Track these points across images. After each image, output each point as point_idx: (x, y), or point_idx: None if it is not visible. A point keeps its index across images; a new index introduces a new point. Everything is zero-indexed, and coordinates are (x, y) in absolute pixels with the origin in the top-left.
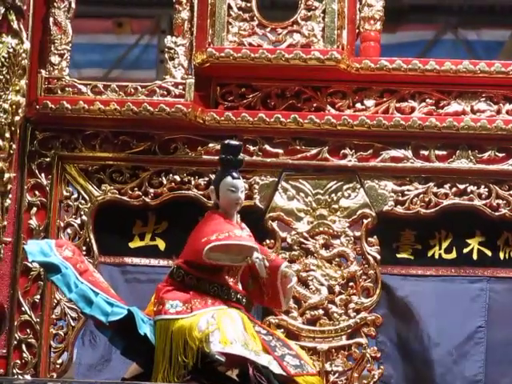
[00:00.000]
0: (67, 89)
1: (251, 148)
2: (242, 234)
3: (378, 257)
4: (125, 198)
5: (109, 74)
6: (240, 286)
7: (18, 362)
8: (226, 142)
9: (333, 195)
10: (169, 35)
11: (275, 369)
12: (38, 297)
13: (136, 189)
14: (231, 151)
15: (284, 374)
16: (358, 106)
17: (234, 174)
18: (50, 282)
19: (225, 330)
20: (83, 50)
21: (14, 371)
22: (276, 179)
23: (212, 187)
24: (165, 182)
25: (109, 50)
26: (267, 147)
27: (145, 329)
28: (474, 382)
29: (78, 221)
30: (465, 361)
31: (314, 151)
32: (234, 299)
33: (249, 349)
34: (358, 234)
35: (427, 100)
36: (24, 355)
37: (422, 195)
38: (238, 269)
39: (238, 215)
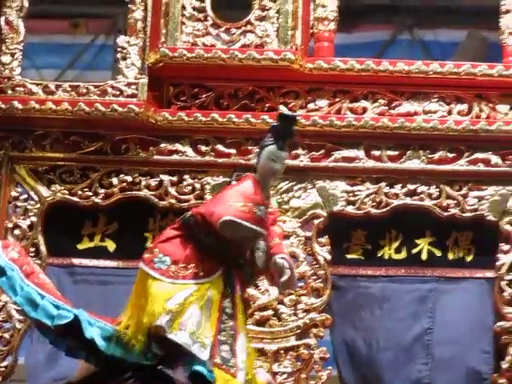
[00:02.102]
0: (18, 88)
1: (203, 148)
2: (260, 214)
3: (329, 257)
4: (75, 198)
5: (64, 75)
6: (247, 255)
7: None
8: (283, 111)
9: (284, 195)
10: (123, 35)
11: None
12: None
13: (86, 189)
14: (284, 121)
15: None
16: (311, 106)
17: (280, 144)
18: None
19: (183, 316)
20: (40, 51)
21: None
22: (228, 179)
23: (257, 150)
24: (115, 182)
25: (66, 50)
26: (220, 147)
27: (91, 332)
28: None
29: (27, 222)
30: (412, 364)
31: None
32: (233, 263)
33: (194, 339)
34: (308, 234)
35: (380, 100)
36: None
37: (373, 195)
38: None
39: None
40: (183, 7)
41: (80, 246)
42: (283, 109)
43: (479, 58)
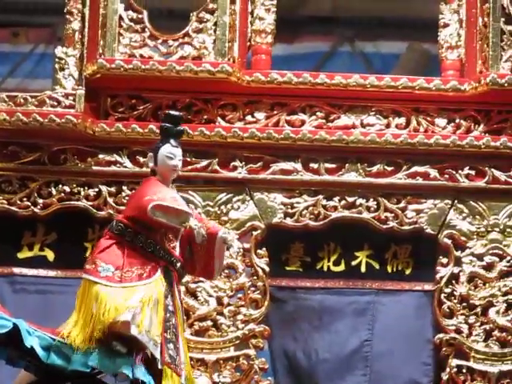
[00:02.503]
0: None
1: (141, 159)
2: (180, 199)
3: (267, 269)
4: (13, 208)
5: (5, 83)
6: (177, 252)
7: None
8: (168, 111)
9: (222, 207)
10: (60, 46)
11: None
12: None
13: (25, 199)
14: (172, 120)
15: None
16: (249, 118)
17: (173, 142)
18: None
19: (143, 314)
20: None
21: None
22: None
23: (150, 154)
24: (54, 192)
25: (6, 58)
26: None
27: (31, 341)
28: None
29: None
30: (351, 376)
31: (203, 163)
32: (168, 260)
33: (150, 336)
34: (247, 245)
35: (317, 113)
36: None
37: (311, 208)
38: (177, 234)
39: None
40: (121, 18)
41: (20, 256)
42: (169, 110)
43: (420, 70)
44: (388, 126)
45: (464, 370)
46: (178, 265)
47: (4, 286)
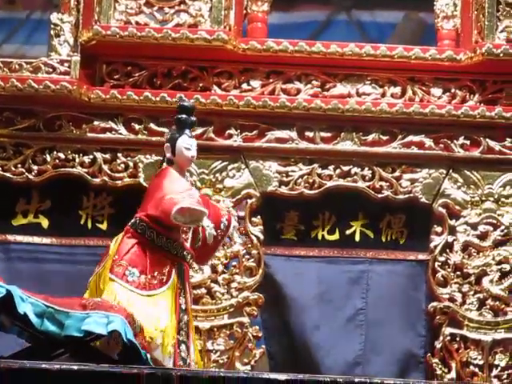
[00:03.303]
0: None
1: (136, 127)
2: (196, 195)
3: (262, 237)
4: (8, 174)
5: (1, 49)
6: (189, 243)
7: None
8: (182, 103)
9: (217, 175)
10: (55, 12)
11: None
12: None
13: (19, 165)
14: (186, 111)
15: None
16: (245, 86)
17: (188, 133)
18: None
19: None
20: None
21: None
22: (161, 158)
23: (168, 144)
24: (49, 159)
25: (1, 25)
26: (152, 126)
27: (24, 307)
28: (354, 365)
29: None
30: (345, 344)
31: (199, 131)
32: (181, 256)
33: (166, 352)
34: (241, 213)
35: (313, 82)
36: None
37: (306, 176)
38: (189, 228)
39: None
40: None
41: (14, 223)
42: (183, 102)
43: (416, 40)
44: (383, 95)
45: (457, 339)
46: (189, 257)
47: None
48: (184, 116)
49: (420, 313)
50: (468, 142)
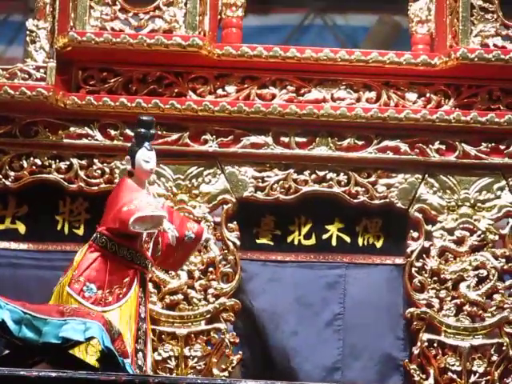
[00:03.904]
0: None
1: (112, 132)
2: (154, 202)
3: (238, 242)
4: None
5: None
6: (150, 252)
7: None
8: (141, 117)
9: (193, 181)
10: (30, 19)
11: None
12: None
13: None
14: (145, 125)
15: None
16: (220, 92)
17: (148, 146)
18: None
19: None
20: None
21: None
22: None
23: (128, 157)
24: (25, 165)
25: None
26: (128, 132)
27: (2, 314)
28: (333, 370)
29: None
30: (324, 349)
31: (174, 136)
32: (143, 265)
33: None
34: (218, 219)
35: (288, 87)
36: None
37: (281, 181)
38: (151, 236)
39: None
40: None
41: None
42: (142, 116)
43: (390, 43)
44: (358, 100)
45: (435, 345)
46: (150, 265)
47: None
48: (143, 130)
49: (398, 316)
50: (443, 147)
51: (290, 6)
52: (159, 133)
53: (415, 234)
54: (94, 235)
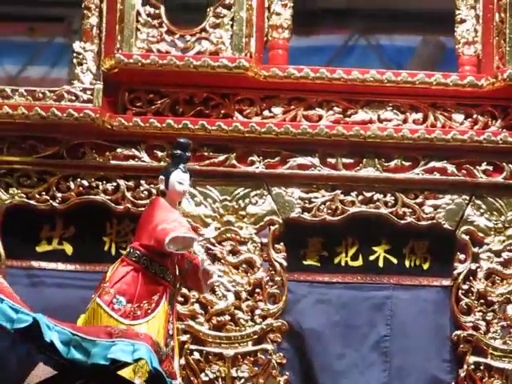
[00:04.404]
0: None
1: (159, 154)
2: (186, 224)
3: (285, 263)
4: (32, 202)
5: (26, 72)
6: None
7: None
8: (178, 139)
9: (240, 202)
10: (77, 40)
11: None
12: None
13: (43, 193)
14: (182, 147)
15: None
16: (266, 113)
17: (183, 168)
18: None
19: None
20: (0, 50)
21: None
22: None
23: (162, 177)
24: (72, 186)
25: (23, 50)
26: None
27: (51, 336)
28: None
29: None
30: (371, 371)
31: (221, 158)
32: (172, 282)
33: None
34: (265, 240)
35: (334, 108)
36: None
37: (328, 202)
38: (177, 255)
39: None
40: (138, 13)
41: (39, 249)
42: (180, 138)
43: (435, 63)
44: (405, 121)
45: (482, 367)
46: (178, 283)
47: (23, 279)
48: (179, 151)
49: (445, 338)
50: (491, 168)
51: (334, 27)
52: (205, 154)
53: (462, 256)
54: (128, 250)
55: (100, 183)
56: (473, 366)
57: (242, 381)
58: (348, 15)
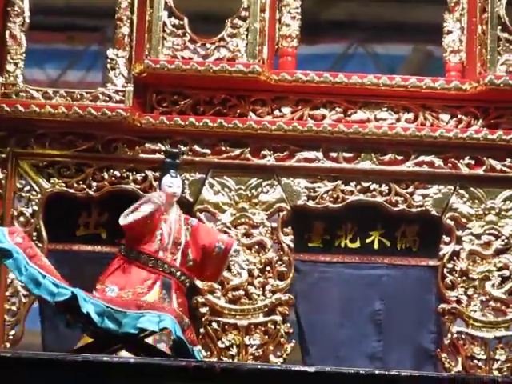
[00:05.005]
0: (21, 94)
1: (182, 148)
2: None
3: (292, 245)
4: (71, 190)
5: (64, 76)
6: (178, 263)
7: None
8: (167, 149)
9: (253, 191)
10: (111, 48)
11: None
12: None
13: (81, 182)
14: (171, 156)
15: None
16: (276, 112)
17: (172, 174)
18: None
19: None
20: (43, 55)
21: None
22: (204, 176)
23: (156, 183)
24: (106, 176)
25: (62, 56)
26: (196, 148)
27: (87, 308)
28: (375, 359)
29: (30, 210)
30: (366, 340)
31: (237, 152)
32: (168, 272)
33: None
34: (274, 225)
35: (337, 108)
36: None
37: (330, 192)
38: (177, 248)
39: (178, 206)
40: (164, 24)
41: (78, 233)
42: (169, 148)
43: (423, 69)
44: (398, 120)
45: (463, 336)
46: (178, 273)
47: (64, 260)
48: (169, 159)
49: (431, 312)
50: (473, 162)
51: (336, 37)
52: (223, 148)
53: (447, 239)
54: (120, 247)
55: (130, 174)
56: (456, 335)
57: (254, 348)
58: (348, 27)
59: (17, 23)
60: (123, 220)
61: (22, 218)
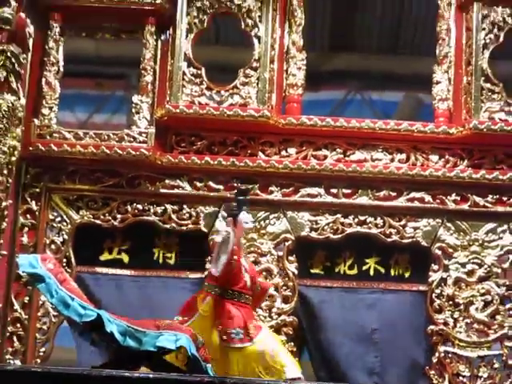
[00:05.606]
0: (54, 135)
1: (198, 184)
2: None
3: (296, 272)
4: (98, 221)
5: (92, 118)
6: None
7: (10, 349)
8: (240, 187)
9: (262, 222)
10: (135, 94)
11: None
12: (27, 298)
13: (107, 214)
14: (242, 193)
15: None
16: (283, 153)
17: (246, 210)
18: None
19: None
20: (74, 100)
21: (7, 357)
22: (217, 209)
23: (230, 218)
24: (129, 209)
25: (91, 100)
26: (211, 184)
27: (111, 327)
28: (373, 374)
29: (61, 239)
30: (365, 357)
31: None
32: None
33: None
34: (280, 253)
35: (337, 149)
36: (15, 344)
37: (331, 224)
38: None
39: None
40: (184, 74)
41: (102, 258)
42: (242, 186)
43: (414, 115)
44: (392, 160)
45: (450, 355)
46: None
47: (90, 281)
48: (241, 197)
49: (422, 332)
50: (459, 198)
51: (336, 85)
52: (235, 185)
53: (435, 267)
54: (216, 289)
55: (151, 207)
56: (443, 354)
57: None
58: (347, 76)
59: (52, 71)
60: (216, 272)
61: (53, 246)
